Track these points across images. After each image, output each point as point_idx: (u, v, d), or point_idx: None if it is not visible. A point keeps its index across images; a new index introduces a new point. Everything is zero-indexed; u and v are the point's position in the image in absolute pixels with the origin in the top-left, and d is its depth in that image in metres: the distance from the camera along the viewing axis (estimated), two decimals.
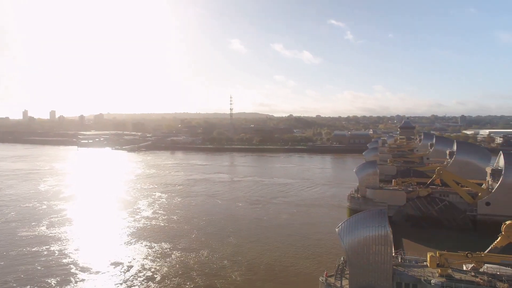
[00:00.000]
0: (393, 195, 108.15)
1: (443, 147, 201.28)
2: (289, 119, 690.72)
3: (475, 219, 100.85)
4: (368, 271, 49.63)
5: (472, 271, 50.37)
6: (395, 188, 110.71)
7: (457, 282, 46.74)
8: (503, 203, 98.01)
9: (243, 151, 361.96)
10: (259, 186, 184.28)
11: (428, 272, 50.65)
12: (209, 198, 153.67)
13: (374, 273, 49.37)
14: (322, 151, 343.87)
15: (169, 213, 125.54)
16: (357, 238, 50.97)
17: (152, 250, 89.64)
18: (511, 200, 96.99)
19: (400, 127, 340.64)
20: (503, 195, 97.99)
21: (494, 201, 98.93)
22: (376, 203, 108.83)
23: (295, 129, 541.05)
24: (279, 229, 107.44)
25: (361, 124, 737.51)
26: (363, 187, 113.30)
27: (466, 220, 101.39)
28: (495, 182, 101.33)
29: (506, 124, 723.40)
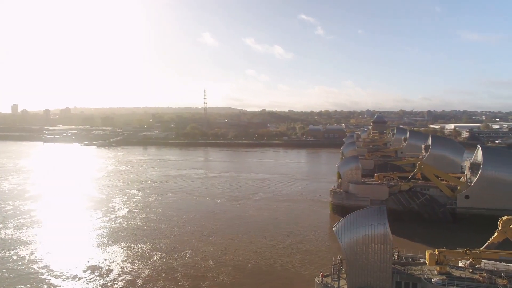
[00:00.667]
0: (375, 189, 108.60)
1: (416, 141, 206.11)
2: (262, 114, 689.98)
3: (454, 212, 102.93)
4: (367, 271, 48.21)
5: (470, 267, 50.10)
6: (378, 183, 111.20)
7: (457, 280, 46.18)
8: (481, 196, 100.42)
9: (218, 146, 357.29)
10: (237, 181, 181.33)
11: (427, 270, 49.95)
12: (186, 195, 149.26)
13: (373, 272, 48.01)
14: (298, 145, 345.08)
15: (147, 212, 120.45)
16: (355, 237, 49.40)
17: (131, 251, 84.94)
18: (490, 193, 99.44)
19: (372, 121, 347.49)
20: (481, 189, 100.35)
21: (473, 195, 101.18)
22: (359, 198, 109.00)
23: (269, 123, 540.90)
24: (262, 226, 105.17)
25: (333, 119, 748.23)
26: (345, 182, 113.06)
27: (446, 214, 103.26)
28: (473, 175, 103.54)
29: (469, 118, 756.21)
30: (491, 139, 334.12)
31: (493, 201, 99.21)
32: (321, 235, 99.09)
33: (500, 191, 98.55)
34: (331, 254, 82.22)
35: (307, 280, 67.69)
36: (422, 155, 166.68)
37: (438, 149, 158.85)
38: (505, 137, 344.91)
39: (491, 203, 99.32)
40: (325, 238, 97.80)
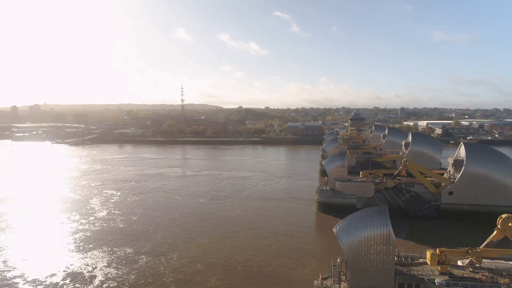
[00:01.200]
0: (362, 187, 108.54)
1: (395, 138, 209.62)
2: (239, 111, 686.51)
3: (439, 209, 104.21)
4: (369, 273, 46.99)
5: (469, 266, 49.84)
6: (364, 180, 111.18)
7: (460, 280, 45.67)
8: (465, 192, 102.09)
9: (196, 143, 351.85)
10: (217, 180, 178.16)
11: (427, 270, 49.27)
12: (167, 195, 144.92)
13: (376, 274, 46.84)
14: (276, 142, 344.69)
15: (127, 213, 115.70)
16: (357, 238, 48.03)
17: (114, 256, 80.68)
18: (473, 189, 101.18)
19: (350, 118, 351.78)
20: (465, 185, 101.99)
21: (457, 191, 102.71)
22: (345, 196, 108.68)
23: (247, 120, 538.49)
24: (248, 225, 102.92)
25: (310, 116, 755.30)
26: (331, 180, 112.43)
27: (431, 210, 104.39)
28: (456, 172, 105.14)
29: (439, 115, 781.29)
30: (462, 135, 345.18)
31: (475, 197, 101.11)
32: (309, 234, 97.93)
33: (482, 187, 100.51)
34: (322, 254, 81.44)
35: (303, 283, 66.11)
36: (403, 151, 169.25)
37: (418, 146, 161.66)
38: (476, 133, 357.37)
39: (474, 199, 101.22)
40: (313, 237, 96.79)
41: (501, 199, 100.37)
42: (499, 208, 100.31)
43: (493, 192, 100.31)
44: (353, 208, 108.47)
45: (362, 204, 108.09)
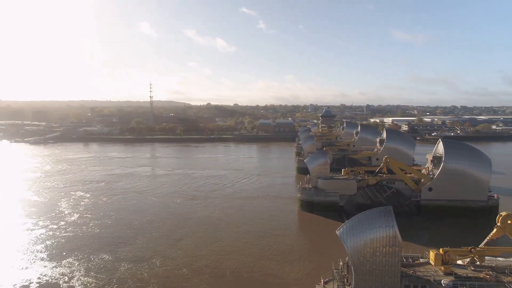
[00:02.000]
0: (344, 184, 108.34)
1: (367, 135, 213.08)
2: (209, 108, 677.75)
3: (419, 204, 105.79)
4: (375, 276, 45.61)
5: (470, 265, 49.75)
6: (346, 178, 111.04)
7: (466, 280, 45.24)
8: (443, 188, 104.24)
9: (165, 141, 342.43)
10: (192, 179, 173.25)
11: (431, 270, 48.63)
12: (140, 196, 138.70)
13: (382, 277, 45.54)
14: (248, 140, 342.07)
15: (101, 216, 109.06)
16: (362, 241, 46.47)
17: (92, 263, 75.00)
18: (451, 185, 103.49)
19: (321, 115, 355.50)
20: (443, 181, 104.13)
21: (436, 187, 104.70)
22: (328, 193, 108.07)
23: (216, 118, 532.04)
24: (231, 227, 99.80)
25: (279, 113, 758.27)
26: (314, 178, 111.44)
27: (411, 206, 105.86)
28: (435, 168, 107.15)
29: (403, 112, 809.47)
30: (427, 131, 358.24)
31: (454, 192, 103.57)
32: (295, 235, 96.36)
33: (460, 183, 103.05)
34: (313, 256, 79.81)
35: (299, 286, 64.11)
36: (377, 148, 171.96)
37: (392, 142, 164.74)
38: (439, 129, 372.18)
39: (452, 195, 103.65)
40: (300, 238, 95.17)
41: (476, 194, 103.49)
42: (475, 203, 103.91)
43: (470, 187, 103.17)
44: (336, 206, 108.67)
45: (344, 201, 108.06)
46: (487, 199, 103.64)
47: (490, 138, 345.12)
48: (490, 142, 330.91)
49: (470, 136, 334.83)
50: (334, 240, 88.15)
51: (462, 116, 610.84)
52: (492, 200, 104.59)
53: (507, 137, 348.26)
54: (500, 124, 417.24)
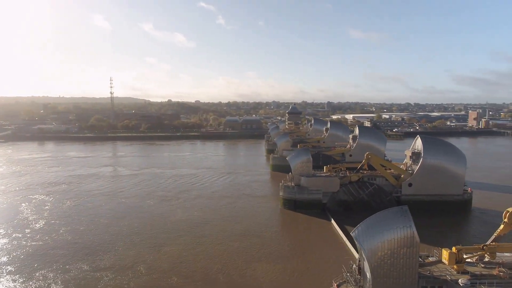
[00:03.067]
0: (327, 181, 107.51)
1: (337, 131, 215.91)
2: (171, 105, 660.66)
3: (399, 200, 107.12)
4: (392, 278, 43.99)
5: (480, 262, 49.67)
6: (329, 175, 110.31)
7: (481, 279, 44.80)
8: (422, 183, 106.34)
9: (128, 139, 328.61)
10: (162, 179, 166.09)
11: (443, 269, 47.87)
12: (110, 198, 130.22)
13: (399, 279, 44.02)
14: (215, 137, 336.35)
15: (71, 222, 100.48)
16: (379, 242, 44.62)
17: (70, 275, 67.70)
18: (430, 180, 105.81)
19: (288, 112, 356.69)
20: (422, 176, 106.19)
21: (416, 182, 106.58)
22: (311, 191, 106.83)
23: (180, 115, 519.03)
24: (214, 228, 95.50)
25: (242, 110, 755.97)
26: (297, 175, 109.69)
27: (392, 201, 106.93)
28: (414, 164, 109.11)
29: (362, 109, 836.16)
30: (389, 128, 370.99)
31: (432, 187, 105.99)
32: (281, 234, 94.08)
33: (438, 178, 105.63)
34: (302, 255, 77.75)
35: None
36: (350, 144, 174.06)
37: (365, 139, 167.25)
38: (400, 126, 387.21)
39: (431, 190, 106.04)
40: (286, 236, 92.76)
41: (453, 188, 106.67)
42: (452, 197, 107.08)
43: (447, 182, 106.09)
44: (319, 204, 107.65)
45: (327, 199, 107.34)
46: (462, 193, 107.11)
47: (447, 133, 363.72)
48: (447, 137, 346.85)
49: (428, 132, 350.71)
50: (323, 238, 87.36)
51: (417, 113, 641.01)
52: (467, 194, 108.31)
53: (461, 133, 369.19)
54: (453, 121, 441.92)
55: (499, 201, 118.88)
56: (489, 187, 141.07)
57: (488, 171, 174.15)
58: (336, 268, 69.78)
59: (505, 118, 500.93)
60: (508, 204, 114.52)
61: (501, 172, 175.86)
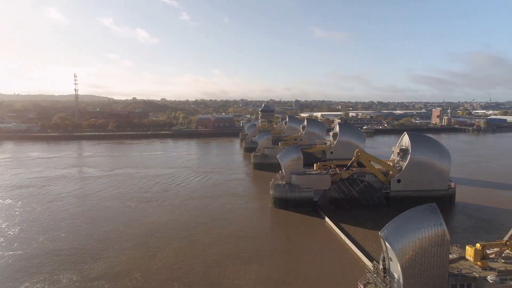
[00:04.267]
0: (319, 179, 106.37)
1: (313, 129, 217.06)
2: (136, 102, 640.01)
3: (388, 196, 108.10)
4: (423, 278, 42.76)
5: (499, 257, 49.70)
6: (320, 172, 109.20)
7: (508, 275, 44.51)
8: (410, 179, 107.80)
9: (95, 138, 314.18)
10: (137, 179, 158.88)
11: (467, 266, 47.36)
12: (85, 201, 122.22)
13: (430, 279, 42.88)
14: (187, 135, 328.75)
15: (48, 228, 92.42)
16: (410, 242, 43.19)
17: (60, 286, 61.78)
18: (418, 176, 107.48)
19: (261, 110, 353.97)
20: (410, 172, 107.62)
21: (404, 178, 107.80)
22: (303, 189, 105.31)
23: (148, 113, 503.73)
24: (206, 230, 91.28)
25: (211, 108, 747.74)
26: (287, 174, 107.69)
27: (382, 198, 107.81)
28: (402, 160, 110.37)
29: (329, 107, 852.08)
30: (359, 125, 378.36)
31: (419, 183, 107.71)
32: (277, 234, 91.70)
33: (425, 174, 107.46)
34: (307, 255, 75.62)
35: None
36: (331, 142, 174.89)
37: (345, 136, 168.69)
38: (369, 123, 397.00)
39: (418, 185, 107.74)
40: (284, 237, 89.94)
41: (438, 183, 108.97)
42: (438, 192, 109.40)
43: (433, 178, 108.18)
44: (311, 202, 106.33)
45: (318, 197, 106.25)
46: (447, 188, 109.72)
47: (413, 130, 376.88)
48: None
49: (396, 129, 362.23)
50: (322, 238, 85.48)
51: (381, 111, 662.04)
52: (451, 189, 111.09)
53: (426, 130, 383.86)
54: (417, 118, 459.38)
55: (478, 195, 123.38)
56: (464, 181, 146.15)
57: (458, 166, 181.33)
58: (345, 267, 68.48)
59: (464, 116, 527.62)
60: (487, 199, 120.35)
61: (471, 167, 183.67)
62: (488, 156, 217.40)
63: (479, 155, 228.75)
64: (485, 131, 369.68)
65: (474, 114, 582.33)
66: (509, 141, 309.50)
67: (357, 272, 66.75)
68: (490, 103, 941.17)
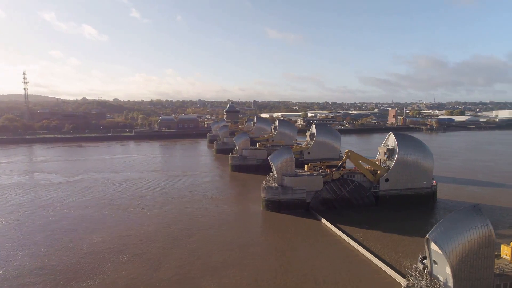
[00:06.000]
0: (311, 180, 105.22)
1: (285, 130, 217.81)
2: (90, 103, 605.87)
3: (377, 195, 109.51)
4: (471, 280, 42.24)
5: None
6: (312, 173, 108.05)
7: None
8: (397, 178, 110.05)
9: (49, 141, 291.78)
10: (105, 185, 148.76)
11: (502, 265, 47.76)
12: (52, 211, 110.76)
13: (478, 280, 42.48)
14: (150, 137, 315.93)
15: (23, 244, 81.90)
16: (460, 244, 42.43)
17: None
18: (405, 175, 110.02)
19: (226, 111, 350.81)
20: (398, 171, 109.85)
21: (392, 177, 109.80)
22: (296, 191, 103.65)
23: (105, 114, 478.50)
24: (203, 238, 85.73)
25: (168, 108, 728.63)
26: (279, 175, 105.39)
27: (371, 197, 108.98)
28: (389, 160, 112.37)
29: (286, 108, 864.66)
30: None
31: (406, 181, 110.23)
32: (276, 238, 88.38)
33: (411, 172, 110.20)
34: (308, 261, 73.68)
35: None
36: (307, 142, 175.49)
37: (322, 136, 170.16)
38: (331, 123, 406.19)
39: (404, 184, 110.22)
40: (283, 241, 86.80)
41: (423, 181, 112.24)
42: (422, 190, 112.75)
43: (418, 176, 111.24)
44: (304, 203, 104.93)
45: (311, 198, 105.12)
46: (431, 186, 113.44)
47: (372, 130, 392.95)
48: (372, 134, 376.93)
49: (357, 129, 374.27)
50: (325, 241, 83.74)
51: (337, 111, 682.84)
52: (434, 186, 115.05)
53: (384, 129, 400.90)
54: (374, 118, 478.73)
55: (452, 192, 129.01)
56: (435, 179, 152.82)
57: None
58: (359, 270, 67.21)
59: (414, 116, 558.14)
60: (461, 195, 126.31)
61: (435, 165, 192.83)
62: (446, 154, 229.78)
63: (437, 153, 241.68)
64: (437, 130, 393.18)
65: (423, 114, 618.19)
66: (459, 140, 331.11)
67: (370, 273, 66.09)
68: (435, 104, 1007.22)
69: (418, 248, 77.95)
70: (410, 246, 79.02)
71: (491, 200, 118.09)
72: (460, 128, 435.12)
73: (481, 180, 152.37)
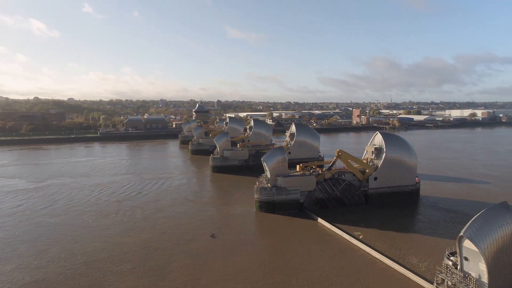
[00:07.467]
0: (305, 180, 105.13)
1: (260, 130, 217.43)
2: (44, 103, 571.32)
3: (367, 194, 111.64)
4: (503, 275, 43.40)
5: None
6: (305, 174, 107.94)
7: None
8: (385, 176, 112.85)
9: (4, 144, 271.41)
10: (78, 190, 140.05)
11: None
12: (27, 220, 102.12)
13: (510, 275, 43.71)
14: (116, 139, 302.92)
15: (6, 257, 75.02)
16: (494, 240, 43.44)
17: None
18: (392, 173, 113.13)
19: (195, 111, 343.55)
20: (386, 170, 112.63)
21: (380, 176, 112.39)
22: (290, 191, 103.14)
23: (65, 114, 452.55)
24: (202, 242, 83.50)
25: (129, 108, 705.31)
26: (273, 176, 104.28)
27: (361, 196, 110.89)
28: (377, 159, 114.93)
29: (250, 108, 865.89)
30: (289, 125, 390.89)
31: (393, 179, 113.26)
32: (280, 241, 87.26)
33: (397, 171, 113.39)
34: (315, 263, 73.24)
35: None
36: (287, 142, 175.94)
37: (302, 136, 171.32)
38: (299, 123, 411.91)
39: (392, 182, 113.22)
40: (288, 244, 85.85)
41: (408, 179, 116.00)
42: (407, 187, 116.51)
43: (404, 174, 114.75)
44: (298, 204, 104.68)
45: (304, 198, 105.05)
46: (415, 183, 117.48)
47: (338, 129, 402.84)
48: (339, 132, 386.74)
49: (325, 128, 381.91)
50: (326, 241, 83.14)
51: (301, 111, 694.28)
52: (417, 183, 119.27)
53: (350, 128, 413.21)
54: (339, 118, 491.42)
55: (431, 188, 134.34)
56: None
57: None
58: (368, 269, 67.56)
59: (375, 115, 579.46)
60: (441, 191, 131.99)
61: None
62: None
63: None
64: (399, 129, 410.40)
65: (383, 113, 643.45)
66: (420, 138, 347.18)
67: (378, 271, 66.79)
68: (391, 104, 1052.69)
69: (419, 244, 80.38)
70: (411, 243, 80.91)
71: (467, 195, 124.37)
72: (419, 127, 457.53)
73: (452, 176, 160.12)
